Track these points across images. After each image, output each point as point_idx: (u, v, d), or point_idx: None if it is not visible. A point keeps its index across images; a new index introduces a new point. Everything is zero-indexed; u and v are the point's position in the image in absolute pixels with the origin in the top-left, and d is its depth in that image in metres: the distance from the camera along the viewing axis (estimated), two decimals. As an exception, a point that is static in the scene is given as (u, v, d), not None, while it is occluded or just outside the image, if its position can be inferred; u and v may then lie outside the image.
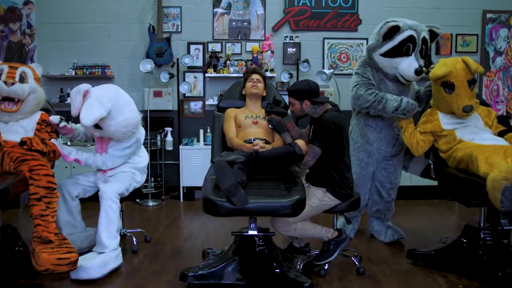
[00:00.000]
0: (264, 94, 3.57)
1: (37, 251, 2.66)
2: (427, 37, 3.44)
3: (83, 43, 5.45)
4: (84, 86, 2.92)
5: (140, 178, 3.46)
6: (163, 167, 5.47)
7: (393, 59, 3.37)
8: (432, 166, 3.33)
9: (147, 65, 4.99)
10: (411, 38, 3.31)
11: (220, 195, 2.62)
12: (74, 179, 3.33)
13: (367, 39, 5.34)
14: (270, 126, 3.31)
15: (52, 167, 3.20)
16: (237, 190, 2.54)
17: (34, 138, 2.94)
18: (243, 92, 3.58)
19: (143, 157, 3.51)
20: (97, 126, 2.99)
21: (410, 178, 4.78)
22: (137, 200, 5.20)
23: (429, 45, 3.52)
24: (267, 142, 3.27)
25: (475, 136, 3.05)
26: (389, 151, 3.64)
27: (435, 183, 3.29)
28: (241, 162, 2.84)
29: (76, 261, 2.74)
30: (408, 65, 3.33)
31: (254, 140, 3.24)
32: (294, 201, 2.62)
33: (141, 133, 3.39)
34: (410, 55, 3.34)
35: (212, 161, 3.42)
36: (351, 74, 5.26)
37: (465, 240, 3.09)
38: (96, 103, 2.89)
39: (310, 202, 2.89)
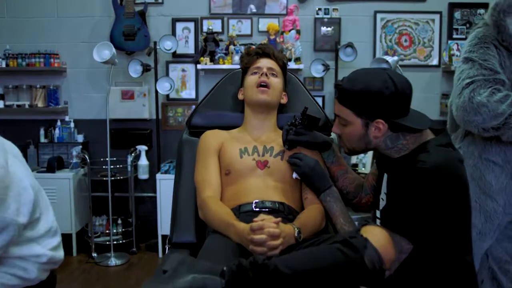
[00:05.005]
0: (284, 100, 1.89)
1: None
2: None
3: (20, 22, 4.30)
4: None
5: (34, 274, 1.75)
6: (133, 203, 4.04)
7: None
8: None
9: (105, 51, 3.55)
10: None
11: None
12: None
13: (440, 12, 4.06)
14: (294, 175, 1.59)
15: None
16: None
17: None
18: (240, 96, 1.90)
19: (40, 245, 1.75)
20: None
21: None
22: (94, 256, 3.65)
23: None
24: (288, 213, 1.54)
25: None
26: (523, 210, 2.16)
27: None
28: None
29: None
30: None
31: (256, 207, 1.51)
32: None
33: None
34: None
35: (171, 242, 1.67)
36: (416, 66, 4.12)
37: None
38: None
39: None
